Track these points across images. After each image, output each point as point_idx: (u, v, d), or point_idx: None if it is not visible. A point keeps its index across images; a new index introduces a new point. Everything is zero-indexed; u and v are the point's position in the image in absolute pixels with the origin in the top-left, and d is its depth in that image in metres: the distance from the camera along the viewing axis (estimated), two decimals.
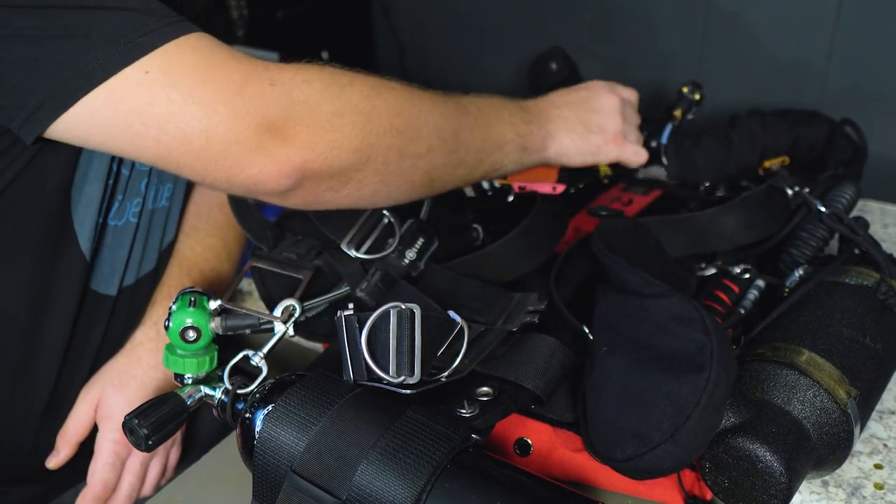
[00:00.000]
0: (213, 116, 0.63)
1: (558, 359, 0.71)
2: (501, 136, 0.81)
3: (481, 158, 0.79)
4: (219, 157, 0.64)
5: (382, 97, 0.70)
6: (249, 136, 0.63)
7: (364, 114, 0.68)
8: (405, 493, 0.55)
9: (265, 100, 0.64)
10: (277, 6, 1.39)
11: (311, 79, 0.67)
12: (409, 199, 0.77)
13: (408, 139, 0.71)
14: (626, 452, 0.63)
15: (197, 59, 0.64)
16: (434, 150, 0.73)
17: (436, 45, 1.63)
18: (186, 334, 0.69)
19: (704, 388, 0.62)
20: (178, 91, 0.63)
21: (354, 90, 0.69)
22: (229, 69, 0.65)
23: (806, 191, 0.92)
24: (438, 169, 0.75)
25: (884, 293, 0.75)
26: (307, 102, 0.66)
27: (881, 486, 0.72)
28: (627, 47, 1.41)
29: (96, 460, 0.85)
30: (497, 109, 0.82)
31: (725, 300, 0.85)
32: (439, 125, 0.74)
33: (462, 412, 0.67)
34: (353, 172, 0.69)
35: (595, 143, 0.89)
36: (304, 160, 0.65)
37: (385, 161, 0.70)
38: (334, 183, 0.69)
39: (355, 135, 0.67)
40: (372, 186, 0.71)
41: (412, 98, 0.73)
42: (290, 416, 0.60)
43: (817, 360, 0.69)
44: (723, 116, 1.25)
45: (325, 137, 0.66)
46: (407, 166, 0.72)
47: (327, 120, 0.66)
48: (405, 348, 0.62)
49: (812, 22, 1.23)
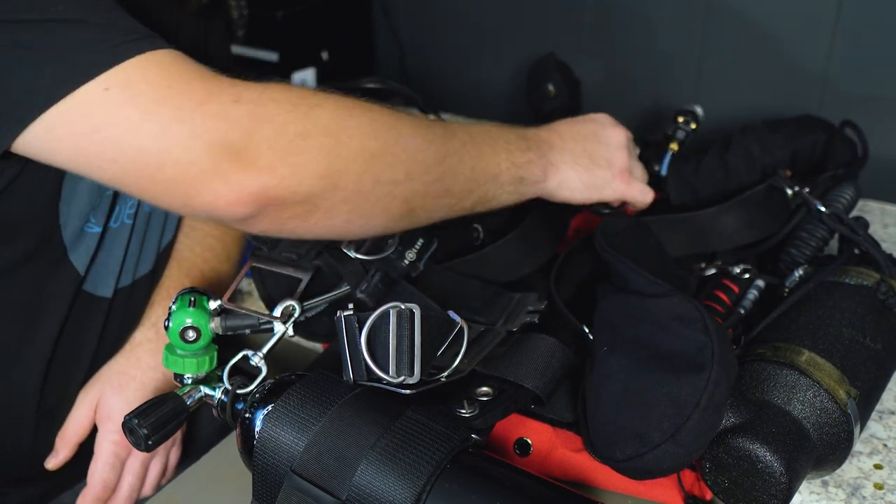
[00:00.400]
0: (169, 136, 0.59)
1: (558, 359, 0.71)
2: (495, 165, 0.74)
3: (470, 188, 0.73)
4: (173, 180, 0.60)
5: (355, 118, 0.65)
6: (206, 159, 0.59)
7: (333, 135, 0.63)
8: (405, 493, 0.55)
9: (226, 118, 0.60)
10: (277, 6, 1.39)
11: (279, 97, 0.62)
12: (388, 230, 0.71)
13: (383, 164, 0.65)
14: (626, 452, 0.63)
15: (158, 77, 0.61)
16: (414, 176, 0.67)
17: (436, 45, 1.63)
18: (186, 334, 0.68)
19: (705, 389, 0.62)
20: (135, 109, 0.59)
21: (324, 110, 0.64)
22: (191, 87, 0.61)
23: (806, 191, 0.92)
24: (419, 197, 0.69)
25: (884, 293, 0.75)
26: (272, 122, 0.61)
27: (881, 486, 0.72)
28: (627, 47, 1.41)
29: (96, 461, 0.85)
30: (491, 137, 0.76)
31: (725, 300, 0.85)
32: (421, 150, 0.68)
33: (462, 412, 0.67)
34: (319, 200, 0.63)
35: (602, 178, 0.83)
36: (263, 186, 0.60)
37: (356, 188, 0.64)
38: (300, 211, 0.63)
39: (322, 158, 0.62)
40: (343, 215, 0.65)
41: (390, 120, 0.67)
42: (289, 416, 0.60)
43: (817, 361, 0.69)
44: (723, 117, 1.26)
45: (289, 161, 0.60)
46: (382, 194, 0.65)
47: (292, 141, 0.61)
48: (405, 348, 0.62)
49: (812, 22, 1.23)
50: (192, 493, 0.75)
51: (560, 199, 0.82)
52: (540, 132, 0.82)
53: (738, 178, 1.02)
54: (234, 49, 1.22)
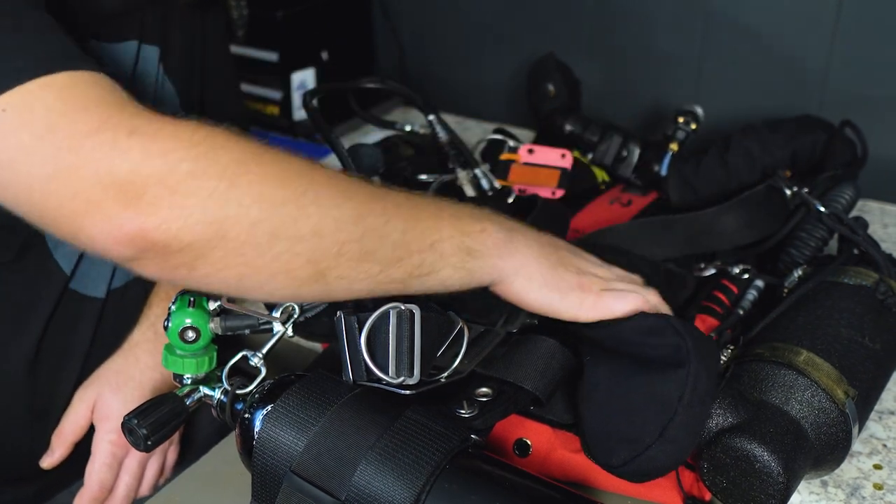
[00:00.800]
0: (57, 164, 0.56)
1: (558, 360, 0.71)
2: (435, 232, 0.64)
3: (401, 256, 0.63)
4: (58, 210, 0.57)
5: (263, 162, 0.58)
6: (90, 191, 0.55)
7: (229, 179, 0.56)
8: (404, 493, 0.55)
9: (116, 150, 0.55)
10: (277, 6, 1.38)
11: (180, 133, 0.57)
12: (297, 297, 0.65)
13: (285, 216, 0.57)
14: (620, 457, 0.63)
15: (57, 101, 0.57)
16: (323, 234, 0.59)
17: (436, 45, 1.63)
18: (186, 334, 0.69)
19: (686, 383, 0.62)
20: (29, 133, 0.56)
21: (227, 151, 0.57)
22: (88, 114, 0.57)
23: (805, 191, 0.92)
24: (329, 259, 0.60)
25: (883, 293, 0.76)
26: (164, 157, 0.55)
27: (881, 486, 0.72)
28: (627, 47, 1.41)
29: (93, 461, 0.85)
30: (437, 204, 0.67)
31: (724, 300, 0.86)
32: (336, 205, 0.60)
33: (461, 413, 0.67)
34: (206, 249, 0.56)
35: (566, 281, 0.70)
36: (142, 226, 0.55)
37: (249, 240, 0.57)
38: (185, 259, 0.57)
39: (212, 203, 0.55)
40: (235, 270, 0.58)
41: (303, 169, 0.60)
42: (289, 417, 0.60)
43: (815, 360, 0.69)
44: (723, 117, 1.26)
45: (174, 201, 0.55)
46: (281, 250, 0.58)
47: (181, 181, 0.55)
48: (405, 349, 0.62)
49: (812, 22, 1.23)
50: (191, 494, 0.75)
51: (515, 291, 0.69)
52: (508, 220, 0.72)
53: (739, 178, 1.02)
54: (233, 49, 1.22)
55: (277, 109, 1.46)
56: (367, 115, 1.14)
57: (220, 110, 1.07)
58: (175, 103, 0.96)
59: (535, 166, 1.03)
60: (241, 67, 1.22)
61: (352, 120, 1.46)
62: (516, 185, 1.01)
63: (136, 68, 0.89)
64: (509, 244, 0.68)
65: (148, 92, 0.91)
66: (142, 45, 0.89)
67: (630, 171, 1.11)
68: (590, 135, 1.13)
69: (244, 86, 1.39)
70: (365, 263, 0.61)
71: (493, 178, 1.00)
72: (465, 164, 1.01)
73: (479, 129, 1.49)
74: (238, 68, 1.14)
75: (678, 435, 0.61)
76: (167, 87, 0.94)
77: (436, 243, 0.64)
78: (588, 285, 0.70)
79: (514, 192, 0.99)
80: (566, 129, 1.15)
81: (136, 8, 0.87)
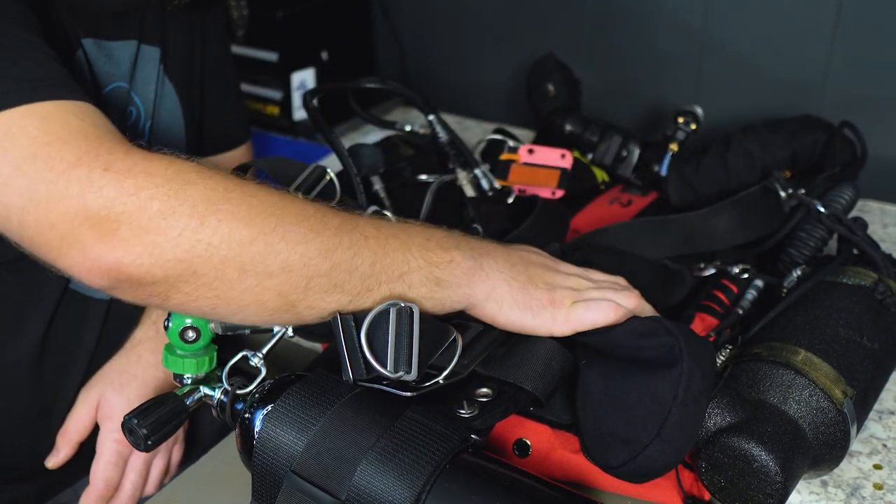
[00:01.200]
0: (34, 195, 0.58)
1: (557, 361, 0.71)
2: (403, 264, 0.66)
3: (370, 287, 0.64)
4: (35, 239, 0.60)
5: (231, 201, 0.59)
6: (65, 224, 0.57)
7: (199, 218, 0.58)
8: (404, 493, 0.55)
9: (90, 186, 0.57)
10: (277, 6, 1.38)
11: (153, 170, 0.59)
12: (269, 323, 0.67)
13: (253, 254, 0.59)
14: (619, 458, 0.64)
15: (37, 132, 0.59)
16: (292, 269, 0.61)
17: (436, 45, 1.63)
18: (186, 334, 0.69)
19: (679, 381, 0.62)
20: (8, 162, 0.59)
21: (197, 189, 0.59)
22: (66, 147, 0.59)
23: (801, 192, 0.92)
24: (298, 293, 0.62)
25: (881, 293, 0.76)
26: (136, 195, 0.57)
27: (880, 486, 0.72)
28: (627, 47, 1.41)
29: (98, 460, 0.86)
30: (406, 233, 0.67)
31: (724, 300, 0.86)
32: (303, 241, 0.61)
33: (461, 413, 0.67)
34: (178, 283, 0.59)
35: (537, 300, 0.70)
36: (116, 261, 0.57)
37: (218, 276, 0.59)
38: (158, 290, 0.59)
39: (182, 241, 0.57)
40: (208, 301, 0.61)
41: (271, 207, 0.61)
42: (289, 417, 0.60)
43: (814, 360, 0.69)
44: (723, 117, 1.26)
45: (146, 239, 0.57)
46: (250, 285, 0.60)
47: (152, 219, 0.57)
48: (404, 344, 0.62)
49: (812, 22, 1.23)
50: (191, 493, 0.75)
51: (487, 315, 0.70)
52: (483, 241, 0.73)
53: (739, 178, 1.02)
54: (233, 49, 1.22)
55: (277, 109, 1.47)
56: (367, 115, 1.15)
57: (220, 110, 1.07)
58: (176, 104, 0.96)
59: (535, 166, 1.03)
60: (241, 67, 1.21)
61: (352, 120, 1.46)
62: (516, 185, 1.02)
63: (136, 68, 0.89)
64: (479, 271, 0.69)
65: (149, 93, 0.91)
66: (142, 46, 0.89)
67: (630, 172, 1.11)
68: (590, 135, 1.13)
69: (244, 86, 1.39)
70: (334, 294, 0.63)
71: (493, 178, 1.00)
72: (465, 164, 1.01)
73: (479, 129, 1.49)
74: (238, 68, 1.14)
75: (674, 434, 0.62)
76: (168, 88, 0.94)
77: (404, 275, 0.66)
78: (559, 300, 0.70)
79: (514, 192, 0.99)
80: (566, 129, 1.15)
81: (136, 8, 0.87)
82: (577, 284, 0.73)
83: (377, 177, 0.95)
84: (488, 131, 1.22)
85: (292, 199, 0.63)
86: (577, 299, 0.71)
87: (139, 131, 0.91)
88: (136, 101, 0.90)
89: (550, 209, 0.96)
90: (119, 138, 0.62)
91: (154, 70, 0.91)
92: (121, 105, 0.88)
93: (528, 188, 1.02)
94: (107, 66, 0.85)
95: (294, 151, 1.42)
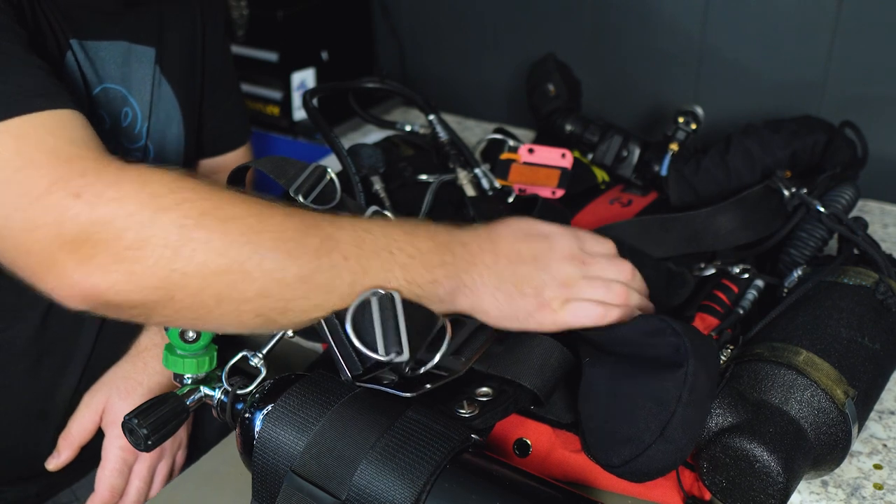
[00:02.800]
0: (9, 223, 0.58)
1: (556, 358, 0.71)
2: (383, 281, 0.64)
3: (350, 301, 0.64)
4: (15, 262, 0.60)
5: (204, 229, 0.59)
6: (42, 251, 0.58)
7: (173, 248, 0.57)
8: (405, 492, 0.55)
9: (63, 214, 0.57)
10: (277, 6, 1.39)
11: (124, 197, 0.58)
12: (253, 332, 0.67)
13: (229, 283, 0.59)
14: (621, 457, 0.63)
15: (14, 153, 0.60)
16: (269, 294, 0.61)
17: (436, 45, 1.63)
18: (186, 334, 0.69)
19: (684, 383, 0.62)
20: None
21: (171, 217, 0.58)
22: (38, 173, 0.59)
23: (804, 191, 0.92)
24: (277, 311, 0.62)
25: (882, 293, 0.75)
26: (110, 224, 0.57)
27: (881, 486, 0.72)
28: (627, 47, 1.41)
29: (104, 466, 0.86)
30: (389, 249, 0.65)
31: (724, 300, 0.86)
32: (280, 268, 0.60)
33: (462, 412, 0.67)
34: (158, 307, 0.59)
35: (522, 309, 0.69)
36: (93, 287, 0.57)
37: (195, 302, 0.59)
38: (138, 313, 0.60)
39: (157, 270, 0.57)
40: (188, 322, 0.63)
41: (248, 233, 0.60)
42: (289, 417, 0.60)
43: (815, 360, 0.69)
44: (723, 117, 1.26)
45: (121, 267, 0.57)
46: (228, 309, 0.61)
47: (127, 248, 0.57)
48: (390, 327, 0.62)
49: (812, 22, 1.23)
50: (192, 493, 0.75)
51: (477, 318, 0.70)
52: (471, 244, 0.70)
53: (739, 178, 1.02)
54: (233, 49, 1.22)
55: (277, 109, 1.47)
56: (367, 115, 1.14)
57: (220, 111, 1.07)
58: (174, 105, 0.96)
59: (536, 166, 1.03)
60: (241, 67, 1.22)
61: (352, 120, 1.46)
62: (516, 184, 1.01)
63: (131, 69, 0.89)
64: (462, 288, 0.68)
65: (145, 94, 0.91)
66: (135, 46, 0.88)
67: (630, 171, 1.11)
68: (590, 135, 1.13)
69: (244, 86, 1.39)
70: (314, 312, 0.63)
71: (494, 177, 1.00)
72: (466, 163, 1.01)
73: (479, 129, 1.49)
74: (238, 68, 1.14)
75: (676, 434, 0.62)
76: (165, 89, 0.94)
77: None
78: (547, 302, 0.70)
79: (514, 191, 0.99)
80: (566, 129, 1.15)
81: (127, 7, 0.87)
82: (568, 278, 0.71)
83: (377, 177, 0.95)
84: (488, 131, 1.22)
85: (271, 217, 0.62)
86: (567, 298, 0.70)
87: (136, 133, 0.91)
88: (133, 102, 0.89)
89: (551, 209, 0.96)
90: (94, 154, 0.62)
91: (149, 70, 0.91)
92: (116, 107, 0.88)
93: (528, 188, 1.02)
94: (96, 68, 0.85)
95: (294, 151, 1.42)
